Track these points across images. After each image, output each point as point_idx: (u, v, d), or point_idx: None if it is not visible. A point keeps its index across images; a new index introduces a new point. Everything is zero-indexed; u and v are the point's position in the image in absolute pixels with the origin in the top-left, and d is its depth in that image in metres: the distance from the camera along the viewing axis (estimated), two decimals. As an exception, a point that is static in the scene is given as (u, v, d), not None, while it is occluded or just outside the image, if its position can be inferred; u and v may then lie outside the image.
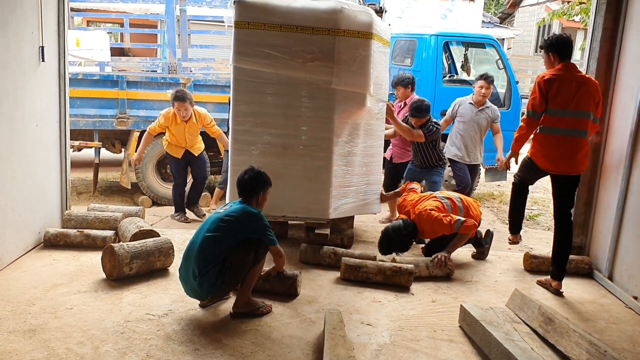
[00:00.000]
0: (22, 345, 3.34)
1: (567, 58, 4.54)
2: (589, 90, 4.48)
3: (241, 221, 3.80)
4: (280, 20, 4.87)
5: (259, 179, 4.02)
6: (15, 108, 4.56)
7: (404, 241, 4.92)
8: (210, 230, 3.80)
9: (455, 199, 5.10)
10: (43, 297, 4.02)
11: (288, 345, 3.53)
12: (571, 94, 4.44)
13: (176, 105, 6.26)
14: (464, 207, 5.07)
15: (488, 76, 6.61)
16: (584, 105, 4.46)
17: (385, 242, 4.93)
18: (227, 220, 3.80)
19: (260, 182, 4.02)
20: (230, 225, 3.78)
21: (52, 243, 5.05)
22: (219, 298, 3.99)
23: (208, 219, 3.95)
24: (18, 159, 4.66)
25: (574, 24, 20.89)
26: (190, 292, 3.85)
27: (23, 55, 4.64)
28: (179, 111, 6.28)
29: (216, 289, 3.77)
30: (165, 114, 6.41)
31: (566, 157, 4.52)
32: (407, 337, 3.73)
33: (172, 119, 6.36)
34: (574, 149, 4.50)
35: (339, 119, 5.06)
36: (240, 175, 4.05)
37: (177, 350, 3.39)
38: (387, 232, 4.93)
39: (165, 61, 8.50)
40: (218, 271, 3.70)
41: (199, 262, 3.71)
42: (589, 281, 5.02)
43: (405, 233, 4.90)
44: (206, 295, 3.81)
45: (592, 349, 3.07)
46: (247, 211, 3.87)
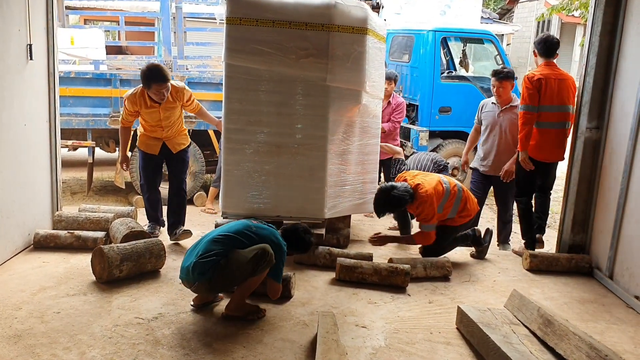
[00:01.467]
0: (7, 351, 3.25)
1: (549, 57, 5.15)
2: (568, 86, 5.10)
3: (264, 241, 3.79)
4: (273, 16, 4.76)
5: (302, 242, 4.15)
6: (2, 108, 4.46)
7: (400, 199, 4.71)
8: (232, 229, 3.83)
9: (458, 188, 4.97)
10: (30, 300, 3.93)
11: (280, 350, 3.44)
12: (555, 90, 5.04)
13: (154, 88, 4.87)
14: (462, 198, 4.96)
15: (497, 72, 5.67)
16: (565, 99, 5.09)
17: (379, 199, 4.79)
18: (254, 232, 3.83)
19: (301, 244, 4.15)
20: (252, 236, 3.80)
21: (42, 245, 4.95)
22: (207, 292, 3.86)
23: (238, 221, 4.02)
24: (6, 159, 4.57)
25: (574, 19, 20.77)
26: (183, 274, 3.77)
27: (9, 53, 4.55)
28: (157, 94, 4.92)
29: (204, 279, 3.64)
30: (130, 97, 5.04)
31: (558, 147, 5.19)
32: (402, 339, 3.64)
33: (140, 102, 5.01)
34: (564, 138, 5.17)
35: (334, 116, 4.96)
36: (300, 228, 4.17)
37: (166, 355, 3.31)
38: (383, 188, 4.82)
39: (161, 59, 8.43)
40: (215, 263, 3.62)
41: (205, 245, 3.70)
42: (589, 280, 4.93)
43: (404, 190, 4.73)
44: (193, 281, 3.69)
45: (592, 352, 2.98)
46: (277, 236, 3.91)
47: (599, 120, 5.05)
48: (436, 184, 4.84)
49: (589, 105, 5.04)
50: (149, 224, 5.42)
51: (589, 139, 5.10)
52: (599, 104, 5.03)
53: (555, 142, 5.16)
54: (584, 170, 5.15)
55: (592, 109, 5.04)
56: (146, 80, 4.88)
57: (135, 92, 5.04)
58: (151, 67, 4.93)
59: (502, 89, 5.58)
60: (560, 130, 5.15)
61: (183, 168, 5.44)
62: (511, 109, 5.61)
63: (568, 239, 5.29)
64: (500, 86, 5.58)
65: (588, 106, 5.04)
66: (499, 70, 5.72)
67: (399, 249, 5.49)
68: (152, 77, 4.84)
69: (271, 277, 3.81)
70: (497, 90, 5.61)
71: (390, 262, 4.66)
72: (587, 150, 5.12)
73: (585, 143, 5.11)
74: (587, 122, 5.07)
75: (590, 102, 5.03)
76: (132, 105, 5.04)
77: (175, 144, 5.28)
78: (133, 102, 5.02)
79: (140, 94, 5.01)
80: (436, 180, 4.90)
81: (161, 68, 4.92)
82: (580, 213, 5.23)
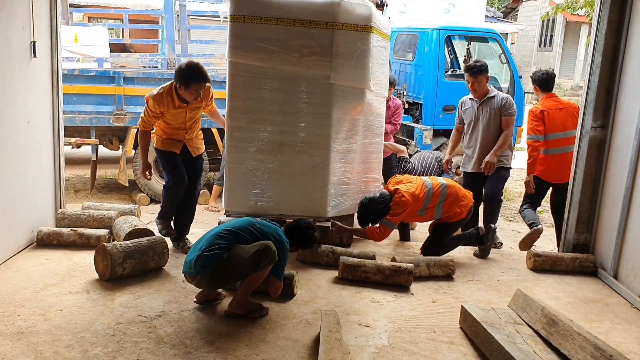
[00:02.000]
0: (9, 348, 3.25)
1: (549, 91, 5.71)
2: (569, 113, 5.56)
3: (269, 238, 3.79)
4: (277, 14, 4.76)
5: (306, 238, 4.12)
6: (5, 105, 4.46)
7: (377, 208, 4.78)
8: (236, 226, 3.83)
9: (441, 189, 4.95)
10: (33, 298, 3.93)
11: (283, 348, 3.43)
12: (557, 119, 5.51)
13: (193, 88, 4.52)
14: (448, 196, 4.95)
15: (470, 67, 5.51)
16: (569, 126, 5.49)
17: (360, 212, 4.86)
18: (257, 228, 3.83)
19: (305, 240, 4.13)
20: (255, 234, 3.80)
21: (45, 242, 4.95)
22: (208, 287, 3.85)
23: (242, 218, 4.02)
24: (9, 156, 4.57)
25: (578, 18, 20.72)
26: (186, 267, 3.77)
27: (13, 50, 4.54)
28: (194, 94, 4.58)
29: (205, 273, 3.64)
30: (157, 97, 4.58)
31: (566, 167, 5.39)
32: (406, 339, 3.62)
33: (167, 102, 4.61)
34: (569, 160, 5.35)
35: (338, 114, 4.95)
36: (298, 221, 4.14)
37: (169, 353, 3.30)
38: (362, 200, 4.86)
39: (165, 57, 8.41)
40: (217, 257, 3.62)
41: (210, 240, 3.70)
42: (594, 280, 4.90)
43: (380, 201, 4.78)
44: (195, 274, 3.68)
45: (597, 353, 2.96)
46: (280, 234, 3.90)
47: (604, 119, 5.02)
48: (416, 188, 4.86)
49: (594, 104, 5.01)
50: (161, 221, 4.97)
51: (594, 138, 5.07)
52: (604, 103, 5.00)
53: (562, 164, 5.49)
54: (588, 170, 5.12)
55: (597, 108, 5.02)
56: (185, 80, 4.48)
57: (161, 92, 4.61)
58: (192, 65, 4.54)
59: (477, 83, 5.44)
60: (566, 154, 5.47)
61: (200, 173, 5.18)
62: (489, 100, 5.48)
63: (572, 239, 5.27)
64: (475, 81, 5.44)
65: (593, 105, 5.02)
66: (472, 65, 5.56)
67: (400, 247, 5.47)
68: (193, 76, 4.49)
69: (272, 274, 3.80)
70: (473, 86, 5.48)
71: (393, 261, 4.64)
72: (591, 150, 5.09)
73: (590, 142, 5.08)
74: (592, 121, 5.04)
75: (595, 101, 5.00)
76: (158, 106, 4.59)
77: (195, 147, 4.96)
78: (160, 102, 4.58)
79: (168, 94, 4.60)
80: (417, 185, 4.91)
81: (201, 67, 4.56)
82: (585, 212, 5.21)
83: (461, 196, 5.02)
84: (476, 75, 5.44)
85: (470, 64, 5.65)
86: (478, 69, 5.45)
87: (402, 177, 5.13)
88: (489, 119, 5.51)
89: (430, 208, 4.93)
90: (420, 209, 4.91)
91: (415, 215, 4.99)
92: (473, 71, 5.45)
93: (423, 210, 4.93)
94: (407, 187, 4.86)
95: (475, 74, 5.44)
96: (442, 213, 4.98)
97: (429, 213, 4.97)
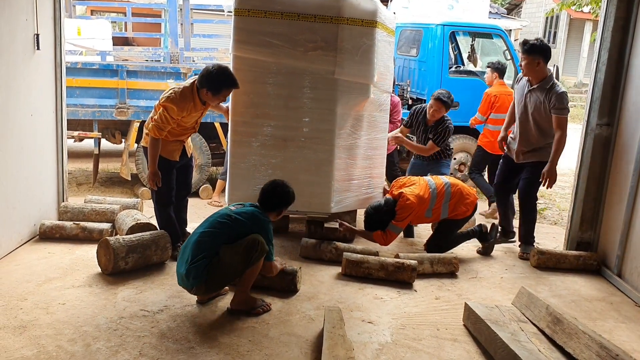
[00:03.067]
0: (12, 342, 3.24)
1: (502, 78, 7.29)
2: (509, 100, 6.21)
3: (247, 223, 3.73)
4: (282, 8, 4.72)
5: (287, 198, 3.95)
6: (8, 98, 4.44)
7: (383, 218, 4.76)
8: (213, 224, 3.73)
9: (446, 187, 4.93)
10: (36, 291, 3.92)
11: (286, 344, 3.42)
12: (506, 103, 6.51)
13: (224, 94, 4.42)
14: (453, 193, 4.92)
15: (523, 42, 4.95)
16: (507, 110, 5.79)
17: (366, 220, 4.83)
18: (234, 219, 3.74)
19: (287, 201, 3.95)
20: (234, 224, 3.71)
21: (48, 236, 4.94)
22: (207, 292, 3.82)
23: (217, 212, 3.88)
24: (12, 149, 4.55)
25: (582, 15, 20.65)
26: (179, 281, 3.75)
27: (16, 43, 4.52)
28: (222, 99, 4.49)
29: (200, 282, 3.62)
30: (180, 103, 4.30)
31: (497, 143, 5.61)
32: (409, 335, 3.61)
33: (190, 107, 4.40)
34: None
35: (342, 110, 4.92)
36: (269, 185, 3.95)
37: (171, 348, 3.29)
38: (368, 210, 4.85)
39: (167, 50, 8.39)
40: (207, 264, 3.59)
41: (192, 251, 3.62)
42: (598, 278, 4.88)
43: (385, 210, 4.76)
44: (191, 286, 3.67)
45: (602, 352, 2.94)
46: (258, 217, 3.79)
47: (609, 117, 4.99)
48: (420, 189, 4.83)
49: (599, 102, 4.99)
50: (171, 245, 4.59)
51: (599, 135, 5.05)
52: (609, 101, 4.98)
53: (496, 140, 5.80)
54: (593, 167, 5.10)
55: (603, 106, 4.99)
56: (217, 85, 4.30)
57: (184, 97, 4.34)
58: (223, 70, 4.32)
59: (528, 64, 4.84)
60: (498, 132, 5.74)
61: (192, 171, 5.05)
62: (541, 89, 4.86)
63: (576, 237, 5.26)
64: (525, 60, 4.87)
65: (599, 102, 5.00)
66: (525, 40, 4.93)
67: (403, 244, 5.46)
68: (225, 82, 4.34)
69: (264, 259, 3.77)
70: (523, 65, 4.92)
71: (397, 257, 4.63)
72: (596, 147, 5.07)
73: (595, 140, 5.06)
74: (597, 118, 5.02)
75: (601, 99, 4.98)
76: (180, 112, 4.33)
77: (188, 146, 4.80)
78: (183, 108, 4.33)
79: (190, 97, 4.37)
80: (421, 186, 4.87)
81: (231, 71, 4.41)
82: (589, 210, 5.19)
83: (465, 194, 4.99)
84: (527, 53, 4.83)
85: (526, 39, 5.01)
86: (529, 46, 4.83)
87: (404, 180, 5.10)
88: (532, 110, 4.94)
89: (436, 208, 4.90)
90: (426, 210, 4.88)
91: (422, 217, 4.95)
92: (524, 48, 4.86)
93: (429, 211, 4.90)
94: (411, 190, 4.82)
95: (525, 51, 4.85)
96: (449, 212, 4.94)
97: (435, 213, 4.94)
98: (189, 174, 4.94)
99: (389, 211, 4.76)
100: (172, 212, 4.75)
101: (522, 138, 5.07)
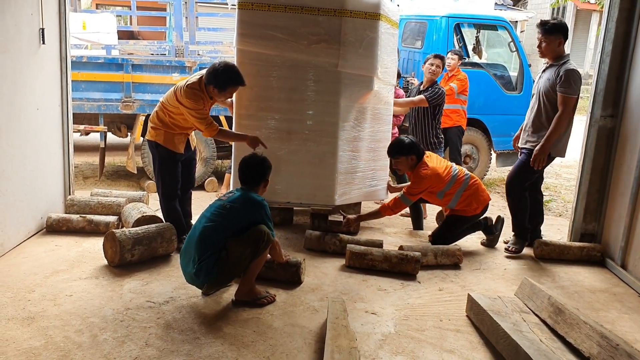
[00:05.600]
0: (20, 332, 3.29)
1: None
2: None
3: (243, 210, 3.74)
4: (285, 1, 4.74)
5: (263, 165, 3.92)
6: (14, 92, 4.48)
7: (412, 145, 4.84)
8: (211, 218, 3.74)
9: (465, 178, 4.95)
10: (43, 283, 3.97)
11: (290, 335, 3.45)
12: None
13: (229, 91, 4.49)
14: (470, 185, 4.94)
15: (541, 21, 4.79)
16: None
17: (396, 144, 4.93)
18: (229, 208, 3.74)
19: (265, 168, 3.92)
20: (231, 213, 3.71)
21: (55, 228, 5.00)
22: (219, 287, 3.91)
23: (210, 205, 3.88)
24: (18, 143, 4.59)
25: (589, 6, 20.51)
26: (189, 279, 3.80)
27: (22, 37, 4.56)
28: (227, 96, 4.60)
29: (211, 278, 3.69)
30: (196, 97, 4.35)
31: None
32: (412, 326, 3.64)
33: (204, 98, 4.45)
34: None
35: (345, 102, 4.94)
36: (243, 163, 3.92)
37: (177, 339, 3.33)
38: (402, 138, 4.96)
39: (172, 44, 8.40)
40: (215, 260, 3.63)
41: (198, 250, 3.65)
42: (601, 269, 4.90)
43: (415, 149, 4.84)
44: (202, 283, 3.74)
45: (603, 342, 2.96)
46: (250, 199, 3.78)
47: (613, 108, 4.99)
48: (442, 169, 4.86)
49: (603, 93, 4.99)
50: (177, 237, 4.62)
51: (603, 127, 5.04)
52: (614, 92, 4.97)
53: None
54: (597, 159, 5.10)
55: (607, 97, 4.99)
56: (223, 82, 4.34)
57: (195, 90, 4.38)
58: (229, 68, 4.36)
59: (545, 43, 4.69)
60: None
61: (195, 165, 5.09)
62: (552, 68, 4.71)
63: (580, 228, 5.26)
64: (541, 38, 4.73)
65: (603, 94, 4.99)
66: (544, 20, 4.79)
67: (407, 235, 5.49)
68: (231, 80, 4.37)
69: None
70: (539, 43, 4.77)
71: (401, 249, 4.65)
72: (600, 139, 5.07)
73: (599, 131, 5.06)
74: (601, 110, 5.02)
75: (605, 90, 4.98)
76: (201, 102, 4.40)
77: (192, 139, 4.85)
78: (199, 100, 4.39)
79: (201, 91, 4.41)
80: (444, 167, 4.90)
81: (237, 69, 4.43)
82: (593, 202, 5.19)
83: (481, 190, 5.02)
84: (548, 34, 4.66)
85: (544, 20, 4.81)
86: (551, 26, 4.65)
87: (432, 155, 5.08)
88: (541, 90, 4.73)
89: (449, 193, 4.90)
90: (440, 191, 4.88)
91: (434, 196, 4.96)
92: (545, 28, 4.67)
93: (442, 193, 4.89)
94: (433, 164, 4.85)
95: (546, 31, 4.67)
96: (458, 203, 4.95)
97: (446, 198, 4.94)
98: (193, 167, 4.98)
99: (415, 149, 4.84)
100: (178, 205, 4.79)
101: (528, 122, 4.89)
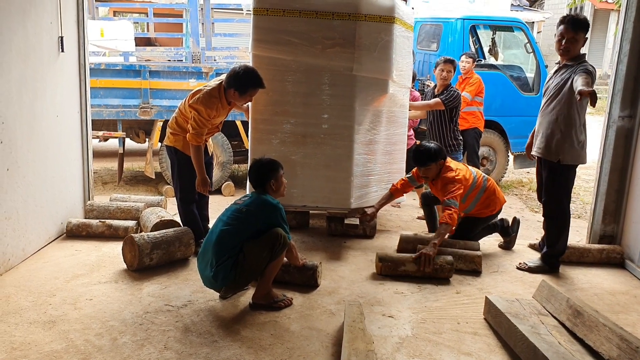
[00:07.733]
0: (42, 336, 3.34)
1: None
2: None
3: (258, 213, 3.77)
4: (300, 6, 4.77)
5: (266, 167, 3.93)
6: (35, 99, 4.56)
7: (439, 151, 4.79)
8: (227, 221, 3.77)
9: (483, 180, 4.95)
10: (64, 287, 4.03)
11: (307, 338, 3.46)
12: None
13: (250, 94, 4.50)
14: (487, 187, 4.93)
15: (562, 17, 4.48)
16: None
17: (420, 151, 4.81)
18: (244, 212, 3.77)
19: (268, 170, 3.92)
20: (247, 217, 3.75)
21: (75, 233, 5.07)
22: (236, 290, 3.93)
23: (227, 209, 3.91)
24: (39, 150, 4.67)
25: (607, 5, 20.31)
26: (207, 283, 3.83)
27: (42, 45, 4.64)
28: (247, 99, 4.59)
29: (230, 281, 3.72)
30: (209, 103, 4.37)
31: None
32: (429, 329, 3.63)
33: (219, 107, 4.47)
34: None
35: (361, 106, 4.96)
36: (250, 172, 4.01)
37: (195, 342, 3.36)
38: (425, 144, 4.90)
39: (189, 50, 8.49)
40: (233, 263, 3.66)
41: (215, 253, 3.68)
42: (621, 271, 4.84)
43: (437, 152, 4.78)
44: (220, 286, 3.77)
45: (623, 344, 2.93)
46: (265, 202, 3.81)
47: (632, 108, 4.93)
48: (463, 171, 4.84)
49: (621, 94, 4.93)
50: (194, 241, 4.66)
51: (621, 127, 4.99)
52: (632, 92, 4.92)
53: None
54: (615, 160, 5.05)
55: (625, 97, 4.93)
56: (243, 85, 4.37)
57: (211, 96, 4.41)
58: (249, 71, 4.40)
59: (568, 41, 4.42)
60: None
61: (212, 170, 5.10)
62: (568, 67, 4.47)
63: (599, 230, 5.20)
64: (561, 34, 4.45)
65: (621, 94, 4.94)
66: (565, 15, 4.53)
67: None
68: (252, 83, 4.39)
69: None
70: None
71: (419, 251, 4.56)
72: (619, 139, 5.01)
73: (618, 132, 5.01)
74: (619, 110, 4.97)
75: (623, 90, 4.92)
76: (210, 112, 4.39)
77: (209, 144, 4.92)
78: (213, 107, 4.40)
79: (217, 97, 4.43)
80: (464, 170, 4.87)
81: (257, 72, 4.44)
82: (612, 203, 5.14)
83: (497, 191, 5.03)
84: (573, 30, 4.38)
85: (565, 15, 4.53)
86: (575, 22, 4.38)
87: (450, 160, 4.97)
88: (553, 92, 4.46)
89: (470, 197, 4.89)
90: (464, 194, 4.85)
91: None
92: (569, 24, 4.38)
93: (464, 198, 4.85)
94: (455, 167, 4.83)
95: (572, 27, 4.37)
96: (477, 206, 4.94)
97: (467, 201, 4.91)
98: (210, 172, 4.98)
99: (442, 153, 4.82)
100: (195, 209, 4.83)
101: (539, 128, 4.60)
